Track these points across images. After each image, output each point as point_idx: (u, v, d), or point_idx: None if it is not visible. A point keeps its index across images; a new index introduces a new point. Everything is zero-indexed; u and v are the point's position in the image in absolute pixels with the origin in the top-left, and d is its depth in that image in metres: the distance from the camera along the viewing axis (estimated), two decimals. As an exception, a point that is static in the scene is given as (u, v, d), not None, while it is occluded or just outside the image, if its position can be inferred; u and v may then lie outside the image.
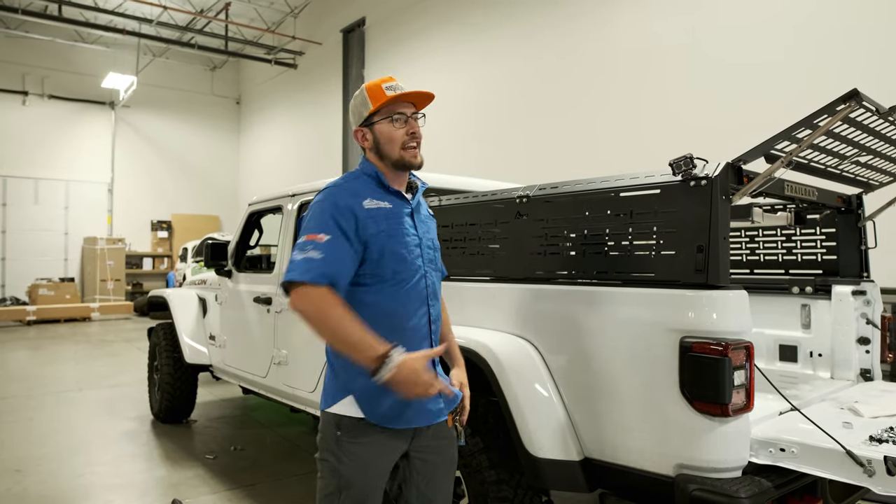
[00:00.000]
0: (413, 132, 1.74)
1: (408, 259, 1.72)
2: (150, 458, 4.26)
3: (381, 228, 1.68)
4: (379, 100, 1.71)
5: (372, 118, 1.74)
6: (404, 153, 1.73)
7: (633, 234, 2.07)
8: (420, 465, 1.79)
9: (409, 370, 1.52)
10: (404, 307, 1.71)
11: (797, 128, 1.80)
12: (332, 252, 1.59)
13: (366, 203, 1.68)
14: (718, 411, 1.76)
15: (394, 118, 1.72)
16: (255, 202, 4.34)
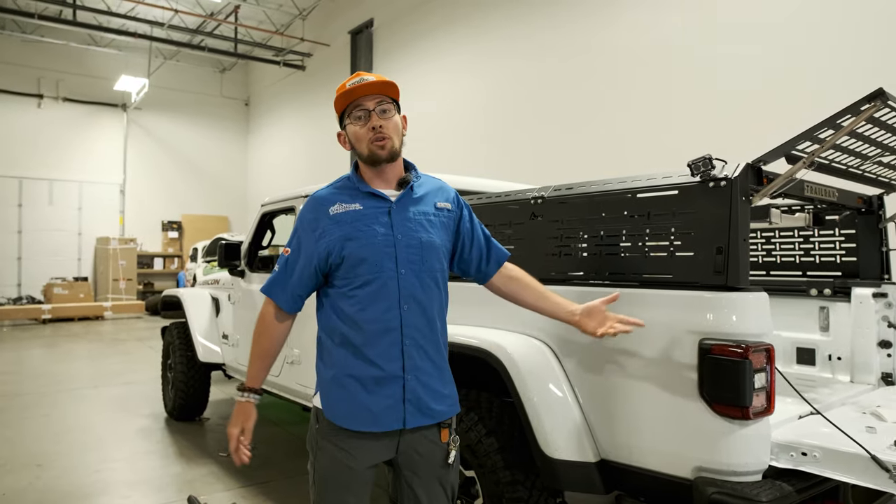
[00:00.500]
0: (374, 126, 1.69)
1: (370, 261, 1.69)
2: (165, 455, 4.29)
3: (343, 232, 1.70)
4: (339, 102, 1.73)
5: (343, 121, 1.77)
6: (372, 147, 1.71)
7: (650, 235, 2.05)
8: (410, 476, 1.75)
9: (237, 412, 1.80)
10: (367, 310, 1.69)
11: (820, 128, 1.77)
12: (284, 270, 1.78)
13: (332, 209, 1.73)
14: (738, 414, 1.74)
15: (356, 117, 1.72)
16: (268, 203, 4.35)
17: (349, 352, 1.69)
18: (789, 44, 5.68)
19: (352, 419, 1.68)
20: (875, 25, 5.13)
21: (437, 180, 1.91)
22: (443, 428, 1.76)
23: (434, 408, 1.73)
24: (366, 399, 1.67)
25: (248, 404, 1.79)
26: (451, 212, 1.85)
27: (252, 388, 1.79)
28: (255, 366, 1.81)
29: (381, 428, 1.69)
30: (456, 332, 2.37)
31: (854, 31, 5.27)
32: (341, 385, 1.69)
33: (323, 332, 1.78)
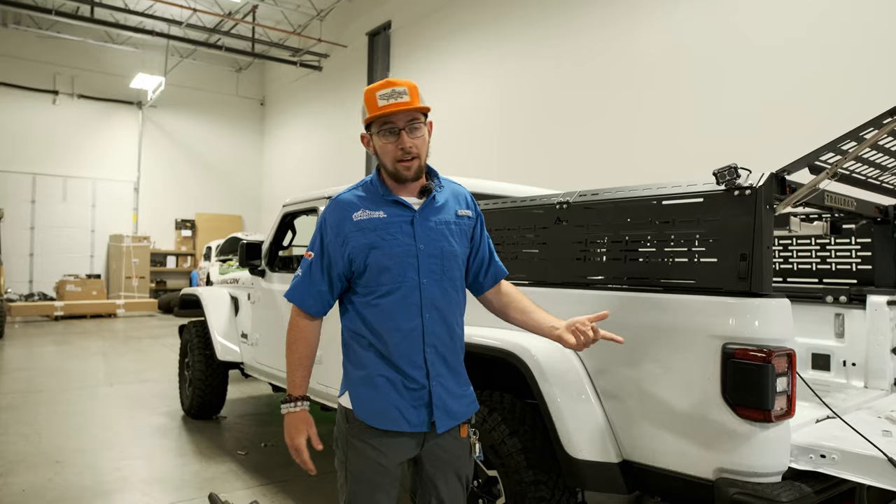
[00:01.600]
0: (403, 147, 1.68)
1: (393, 270, 1.71)
2: (184, 453, 4.36)
3: (367, 240, 1.71)
4: (373, 110, 1.67)
5: (370, 126, 1.73)
6: (398, 166, 1.70)
7: (674, 241, 2.11)
8: (432, 471, 1.81)
9: (292, 423, 1.76)
10: (392, 319, 1.71)
11: (843, 140, 1.83)
12: (308, 274, 1.78)
13: (356, 215, 1.73)
14: (761, 417, 1.79)
15: (386, 132, 1.68)
16: (290, 203, 4.43)
17: (376, 355, 1.74)
18: (807, 54, 5.71)
19: (383, 418, 1.72)
20: (892, 36, 5.16)
21: (456, 185, 1.92)
22: (462, 424, 1.83)
23: (458, 410, 1.80)
24: (396, 399, 1.72)
25: (303, 412, 1.78)
26: (471, 219, 1.88)
27: (301, 397, 1.78)
28: (296, 374, 1.78)
29: (411, 429, 1.73)
30: (480, 333, 2.43)
31: (873, 41, 5.30)
32: (372, 385, 1.72)
33: (348, 335, 1.81)
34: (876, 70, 5.21)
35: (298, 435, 1.75)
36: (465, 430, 1.84)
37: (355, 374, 1.76)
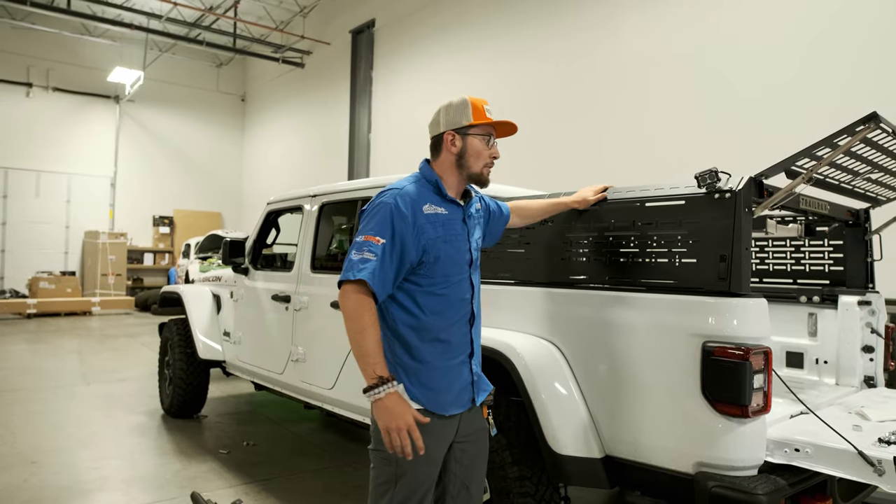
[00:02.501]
0: (495, 156, 1.95)
1: (458, 263, 1.87)
2: (164, 452, 4.32)
3: (438, 234, 1.82)
4: (481, 117, 1.90)
5: (468, 129, 1.89)
6: (485, 170, 1.93)
7: (656, 242, 2.17)
8: (459, 453, 1.90)
9: (395, 402, 1.66)
10: (452, 306, 1.86)
11: (818, 146, 1.90)
12: (382, 259, 1.72)
13: (425, 208, 1.83)
14: (738, 412, 1.86)
15: (485, 137, 1.91)
16: (274, 201, 4.42)
17: (436, 343, 1.82)
18: (788, 61, 5.85)
19: (447, 404, 1.82)
20: (871, 46, 5.31)
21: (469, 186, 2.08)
22: (484, 405, 1.97)
23: (486, 384, 1.97)
24: (452, 384, 1.85)
25: (395, 394, 1.67)
26: (482, 209, 2.13)
27: (391, 377, 1.69)
28: (375, 356, 1.68)
29: (462, 408, 1.87)
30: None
31: (853, 49, 5.45)
32: (438, 372, 1.81)
33: (405, 329, 1.81)
34: (853, 77, 5.37)
35: (407, 411, 1.67)
36: (486, 411, 1.98)
37: (415, 366, 1.80)
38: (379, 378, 1.67)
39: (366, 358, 1.68)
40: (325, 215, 3.85)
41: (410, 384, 1.80)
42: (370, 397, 1.67)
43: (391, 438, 1.66)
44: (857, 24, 5.36)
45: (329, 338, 3.52)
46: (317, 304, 3.64)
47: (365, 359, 1.68)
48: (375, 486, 1.82)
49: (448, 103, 1.94)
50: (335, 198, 3.74)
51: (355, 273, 1.70)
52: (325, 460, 4.24)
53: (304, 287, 3.79)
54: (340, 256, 3.77)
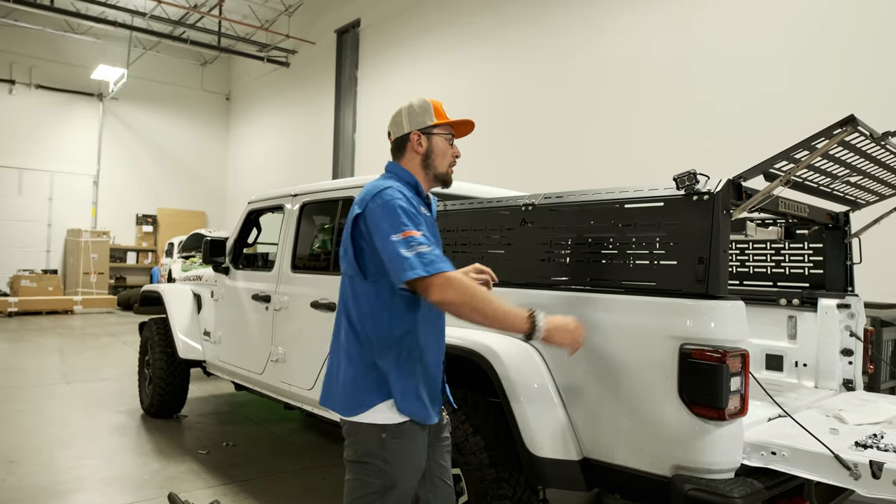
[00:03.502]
0: (457, 155, 1.98)
1: None
2: (143, 453, 4.26)
3: (431, 235, 1.82)
4: (443, 118, 1.93)
5: (431, 129, 1.91)
6: (450, 169, 1.97)
7: (635, 244, 2.16)
8: (430, 451, 1.91)
9: (554, 319, 1.72)
10: (440, 317, 1.91)
11: (796, 149, 1.90)
12: (429, 244, 1.67)
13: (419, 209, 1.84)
14: (715, 415, 1.85)
15: (448, 138, 1.95)
16: (256, 200, 4.37)
17: (430, 350, 1.83)
18: (772, 67, 5.89)
19: (435, 413, 1.84)
20: (860, 54, 5.36)
21: None
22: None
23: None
24: (438, 390, 1.88)
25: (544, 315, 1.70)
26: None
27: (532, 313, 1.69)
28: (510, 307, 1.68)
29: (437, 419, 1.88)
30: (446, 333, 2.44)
31: (840, 56, 5.50)
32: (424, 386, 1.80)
33: (407, 338, 1.77)
34: (838, 83, 5.41)
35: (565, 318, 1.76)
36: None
37: (407, 381, 1.76)
38: (530, 315, 1.68)
39: (507, 314, 1.66)
40: (305, 215, 3.82)
41: (408, 395, 1.75)
42: (538, 335, 1.68)
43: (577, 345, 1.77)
44: (844, 32, 5.41)
45: (309, 338, 3.48)
46: (297, 304, 3.60)
47: (507, 315, 1.66)
48: (355, 499, 1.77)
49: (409, 104, 1.93)
50: (316, 197, 3.70)
51: (429, 268, 1.61)
52: (305, 461, 4.19)
53: (285, 287, 3.74)
54: (323, 256, 3.74)
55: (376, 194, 1.74)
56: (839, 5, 5.42)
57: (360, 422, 1.76)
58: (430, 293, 1.62)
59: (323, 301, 3.35)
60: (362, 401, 1.75)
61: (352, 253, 1.78)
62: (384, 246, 1.67)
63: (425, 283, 1.62)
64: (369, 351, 1.75)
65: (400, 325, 1.77)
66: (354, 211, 1.78)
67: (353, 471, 1.79)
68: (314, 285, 3.51)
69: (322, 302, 3.36)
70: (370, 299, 1.76)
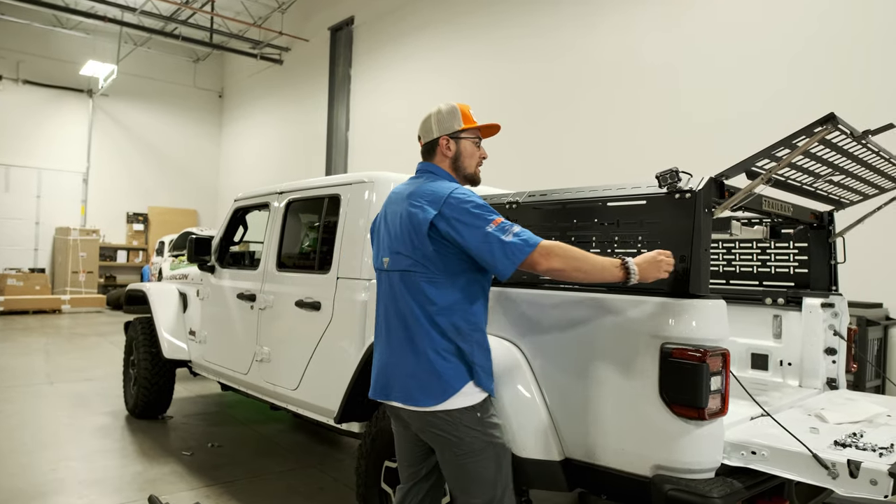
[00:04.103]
0: (484, 156, 2.15)
1: None
2: (125, 454, 4.21)
3: None
4: (470, 122, 2.09)
5: (459, 133, 2.07)
6: (478, 169, 2.14)
7: (618, 242, 2.14)
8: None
9: (646, 258, 1.85)
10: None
11: (777, 147, 1.89)
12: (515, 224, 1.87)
13: None
14: (695, 415, 1.84)
15: (475, 140, 2.11)
16: (242, 198, 4.34)
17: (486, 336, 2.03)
18: (761, 72, 5.90)
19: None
20: (857, 62, 5.37)
21: None
22: None
23: None
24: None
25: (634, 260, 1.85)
26: None
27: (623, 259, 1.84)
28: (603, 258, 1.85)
29: None
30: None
31: (833, 57, 5.52)
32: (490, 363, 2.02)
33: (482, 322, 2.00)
34: (838, 84, 5.41)
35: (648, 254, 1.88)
36: None
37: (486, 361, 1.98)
38: (622, 263, 1.82)
39: (604, 267, 1.81)
40: (291, 213, 3.78)
41: (486, 373, 1.96)
42: (633, 279, 1.82)
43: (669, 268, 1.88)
44: (844, 31, 5.40)
45: (294, 338, 3.45)
46: (282, 303, 3.57)
47: (604, 269, 1.81)
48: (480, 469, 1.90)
49: (438, 110, 2.09)
50: (302, 195, 3.67)
51: (529, 244, 1.80)
52: (290, 462, 4.16)
53: (270, 286, 3.71)
54: (312, 255, 3.70)
55: (450, 195, 1.89)
56: (839, 4, 5.40)
57: (451, 408, 1.88)
58: (539, 264, 1.79)
59: (308, 300, 3.32)
60: (447, 387, 1.88)
61: (431, 250, 1.89)
62: (481, 239, 1.81)
63: (532, 259, 1.78)
64: (454, 339, 1.90)
65: (479, 310, 1.98)
66: (428, 213, 1.88)
67: (466, 459, 1.90)
68: (299, 284, 3.48)
69: (307, 301, 3.33)
70: (448, 290, 1.91)
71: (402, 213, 1.97)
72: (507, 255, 1.79)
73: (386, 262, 2.04)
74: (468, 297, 1.94)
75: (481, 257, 1.84)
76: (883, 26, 5.12)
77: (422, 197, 1.93)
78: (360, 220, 3.13)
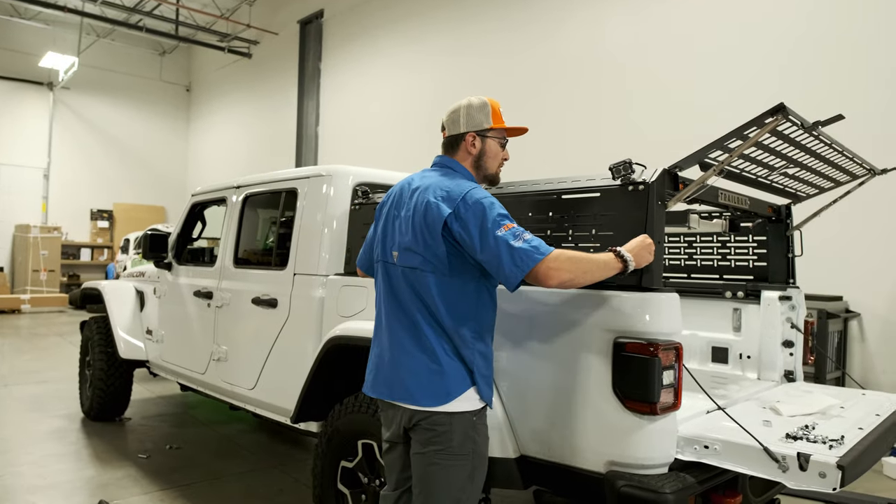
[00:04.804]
0: (506, 158, 2.09)
1: None
2: (79, 458, 4.07)
3: None
4: (500, 121, 2.03)
5: (487, 132, 2.00)
6: (499, 170, 2.08)
7: (572, 236, 2.11)
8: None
9: (636, 244, 1.83)
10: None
11: (728, 138, 1.87)
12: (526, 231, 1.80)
13: None
14: (647, 410, 1.81)
15: (502, 141, 2.05)
16: (199, 193, 4.21)
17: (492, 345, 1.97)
18: (732, 67, 5.95)
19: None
20: (831, 51, 5.44)
21: None
22: None
23: None
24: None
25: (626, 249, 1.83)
26: None
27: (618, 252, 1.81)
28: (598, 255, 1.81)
29: None
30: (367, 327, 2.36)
31: (809, 52, 5.58)
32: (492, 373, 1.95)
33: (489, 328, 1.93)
34: (807, 80, 5.48)
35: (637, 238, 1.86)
36: None
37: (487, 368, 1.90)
38: (618, 256, 1.80)
39: (605, 267, 1.78)
40: (249, 207, 3.68)
41: (488, 381, 1.89)
42: (631, 267, 1.80)
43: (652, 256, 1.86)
44: (818, 25, 5.46)
45: (251, 336, 3.36)
46: (239, 300, 3.46)
47: (606, 267, 1.78)
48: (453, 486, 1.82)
49: (468, 103, 2.00)
50: (259, 189, 3.57)
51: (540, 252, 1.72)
52: (251, 463, 4.06)
53: (227, 283, 3.60)
54: (269, 251, 3.60)
55: (467, 194, 1.81)
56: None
57: (451, 411, 1.82)
58: (550, 278, 1.71)
59: (264, 297, 3.23)
60: (450, 390, 1.82)
61: (443, 250, 1.81)
62: (490, 243, 1.73)
63: (542, 271, 1.70)
64: (457, 344, 1.84)
65: (487, 320, 1.91)
66: (443, 212, 1.80)
67: (446, 460, 1.82)
68: (256, 281, 3.38)
69: (263, 298, 3.23)
70: (457, 293, 1.84)
71: (417, 208, 1.87)
72: (514, 262, 1.70)
73: (395, 255, 1.93)
74: (477, 304, 1.88)
75: (488, 261, 1.76)
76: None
77: (438, 193, 1.84)
78: (318, 215, 3.05)
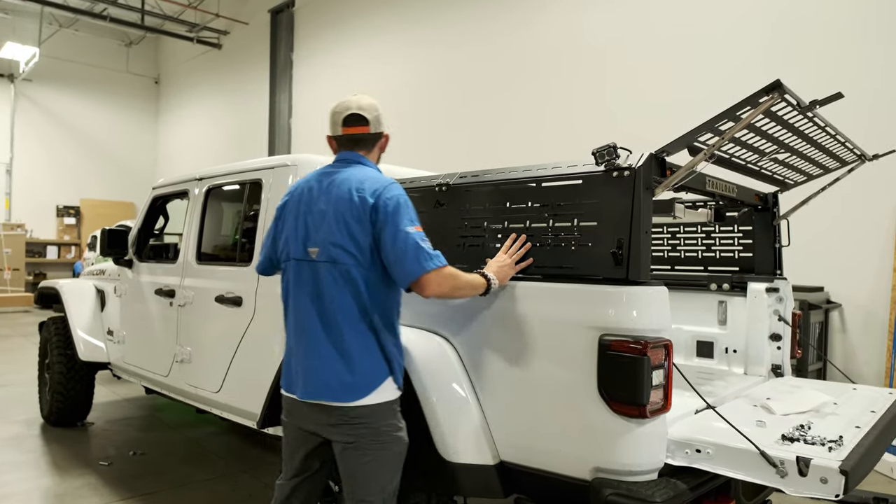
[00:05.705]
0: None
1: None
2: (36, 466, 3.84)
3: None
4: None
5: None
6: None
7: (553, 226, 1.96)
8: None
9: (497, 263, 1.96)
10: None
11: (720, 119, 1.74)
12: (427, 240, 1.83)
13: None
14: (636, 412, 1.69)
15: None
16: (160, 186, 3.99)
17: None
18: (721, 50, 5.86)
19: None
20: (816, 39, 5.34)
21: None
22: None
23: None
24: None
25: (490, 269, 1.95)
26: None
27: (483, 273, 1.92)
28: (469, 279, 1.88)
29: None
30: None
31: (790, 39, 5.51)
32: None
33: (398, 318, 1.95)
34: (792, 69, 5.40)
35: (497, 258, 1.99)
36: None
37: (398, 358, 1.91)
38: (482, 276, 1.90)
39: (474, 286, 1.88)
40: (212, 200, 3.47)
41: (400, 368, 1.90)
42: (494, 287, 1.91)
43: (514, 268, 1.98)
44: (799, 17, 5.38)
45: (215, 336, 3.17)
46: (202, 298, 3.27)
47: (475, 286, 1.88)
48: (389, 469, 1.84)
49: (378, 103, 2.00)
50: (222, 181, 3.37)
51: (441, 261, 1.79)
52: (219, 468, 3.87)
53: (190, 280, 3.40)
54: (233, 246, 3.41)
55: (388, 186, 1.83)
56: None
57: (375, 402, 1.81)
58: (433, 284, 1.76)
59: (228, 295, 3.04)
60: (371, 382, 1.81)
61: (368, 241, 1.80)
62: (402, 238, 1.75)
63: (431, 278, 1.75)
64: (379, 335, 1.84)
65: (399, 307, 1.94)
66: (367, 202, 1.79)
67: (377, 450, 1.82)
68: (220, 278, 3.18)
69: (228, 296, 3.04)
70: (381, 287, 1.84)
71: (340, 201, 1.83)
72: (419, 259, 1.74)
73: (314, 252, 1.84)
74: (394, 292, 1.91)
75: (393, 254, 1.77)
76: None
77: (358, 186, 1.83)
78: (284, 207, 2.86)
